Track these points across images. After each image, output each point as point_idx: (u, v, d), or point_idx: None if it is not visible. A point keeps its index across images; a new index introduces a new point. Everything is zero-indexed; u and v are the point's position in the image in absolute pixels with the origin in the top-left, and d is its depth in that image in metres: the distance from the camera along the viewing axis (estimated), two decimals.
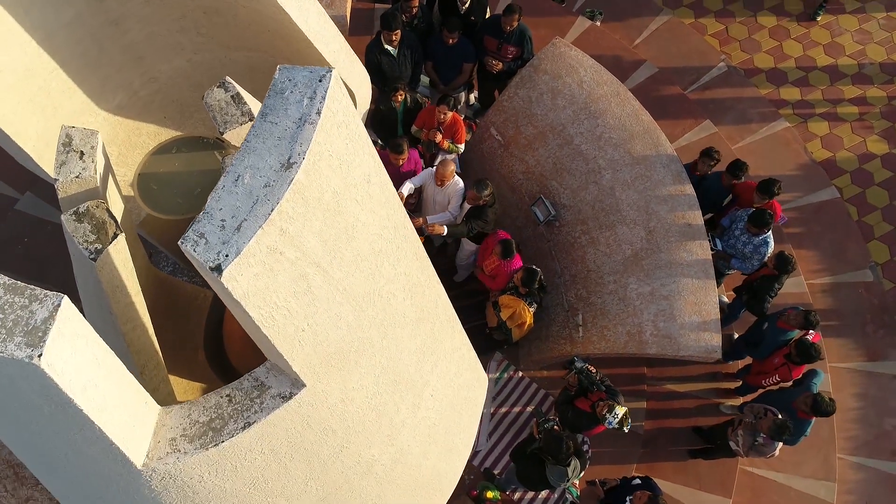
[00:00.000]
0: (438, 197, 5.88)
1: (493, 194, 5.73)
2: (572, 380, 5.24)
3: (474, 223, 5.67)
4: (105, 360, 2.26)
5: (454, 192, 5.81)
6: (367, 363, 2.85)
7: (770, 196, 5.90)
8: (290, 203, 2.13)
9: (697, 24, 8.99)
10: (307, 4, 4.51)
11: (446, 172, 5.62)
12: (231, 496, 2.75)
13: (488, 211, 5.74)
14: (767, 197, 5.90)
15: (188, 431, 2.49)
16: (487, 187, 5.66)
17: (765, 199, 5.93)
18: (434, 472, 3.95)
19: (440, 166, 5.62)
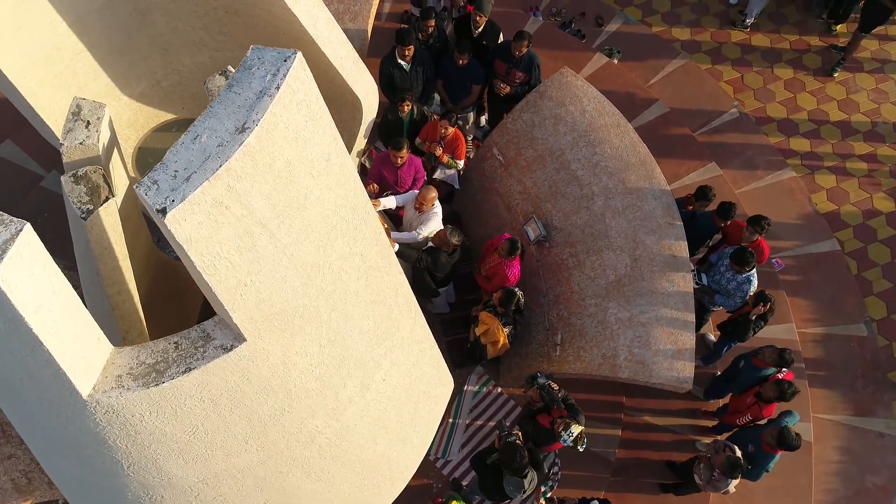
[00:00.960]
0: (416, 221, 5.97)
1: (458, 248, 5.75)
2: (534, 395, 5.34)
3: (425, 257, 5.65)
4: (62, 291, 2.49)
5: (427, 218, 5.88)
6: (313, 332, 3.04)
7: (759, 231, 5.98)
8: (240, 163, 2.36)
9: (713, 70, 9.16)
10: (316, 10, 4.83)
11: (426, 197, 5.71)
12: (171, 441, 2.94)
13: (443, 256, 5.73)
14: (757, 231, 5.98)
15: (134, 370, 2.71)
16: (457, 237, 5.70)
17: (754, 235, 6.02)
18: (384, 458, 4.08)
19: (423, 190, 5.76)
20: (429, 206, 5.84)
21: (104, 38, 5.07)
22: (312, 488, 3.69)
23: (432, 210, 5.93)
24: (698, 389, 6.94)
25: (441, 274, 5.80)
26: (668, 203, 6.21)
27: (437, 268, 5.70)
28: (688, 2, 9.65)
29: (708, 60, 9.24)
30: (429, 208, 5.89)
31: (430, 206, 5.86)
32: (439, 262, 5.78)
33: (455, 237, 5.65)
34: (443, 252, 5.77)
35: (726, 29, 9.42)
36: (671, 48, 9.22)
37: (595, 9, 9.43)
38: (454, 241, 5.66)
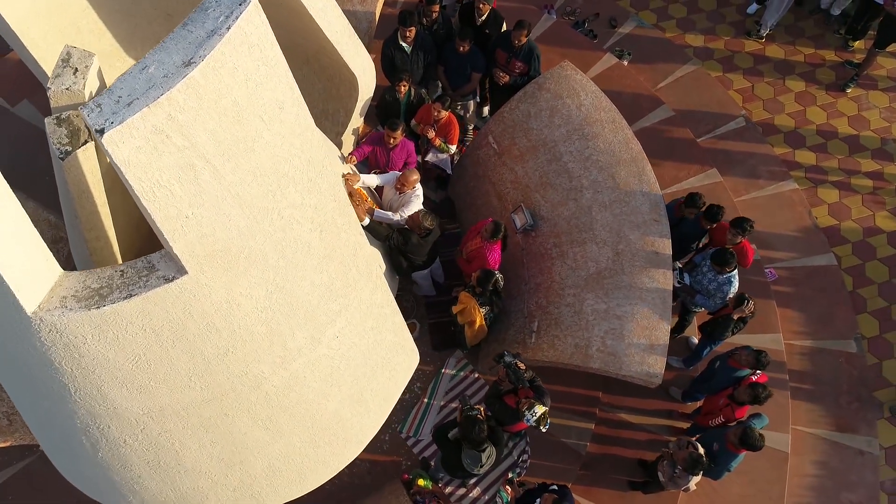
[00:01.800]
0: (396, 202, 5.98)
1: (431, 231, 5.77)
2: (501, 373, 5.38)
3: (396, 236, 5.68)
4: (12, 213, 2.62)
5: (408, 200, 5.89)
6: (259, 275, 3.13)
7: (742, 232, 5.96)
8: (183, 94, 2.47)
9: (724, 78, 9.12)
10: None
11: (408, 179, 5.72)
12: (115, 368, 3.06)
13: (414, 237, 5.75)
14: (740, 233, 5.96)
15: (79, 293, 2.83)
16: (430, 221, 5.72)
17: (738, 236, 5.99)
18: (336, 416, 4.17)
19: (406, 172, 5.81)
20: (410, 187, 5.85)
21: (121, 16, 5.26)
22: (260, 436, 3.78)
23: (413, 192, 5.94)
24: (676, 391, 6.92)
25: (415, 256, 5.84)
26: (656, 201, 6.22)
27: (409, 248, 5.77)
28: (704, 9, 9.62)
29: (719, 68, 9.20)
30: (410, 190, 5.90)
31: (412, 188, 5.87)
32: (410, 243, 5.79)
33: (428, 221, 5.67)
34: (414, 234, 5.79)
35: (741, 38, 9.38)
36: (683, 53, 9.20)
37: (609, 10, 9.46)
38: (426, 225, 5.67)
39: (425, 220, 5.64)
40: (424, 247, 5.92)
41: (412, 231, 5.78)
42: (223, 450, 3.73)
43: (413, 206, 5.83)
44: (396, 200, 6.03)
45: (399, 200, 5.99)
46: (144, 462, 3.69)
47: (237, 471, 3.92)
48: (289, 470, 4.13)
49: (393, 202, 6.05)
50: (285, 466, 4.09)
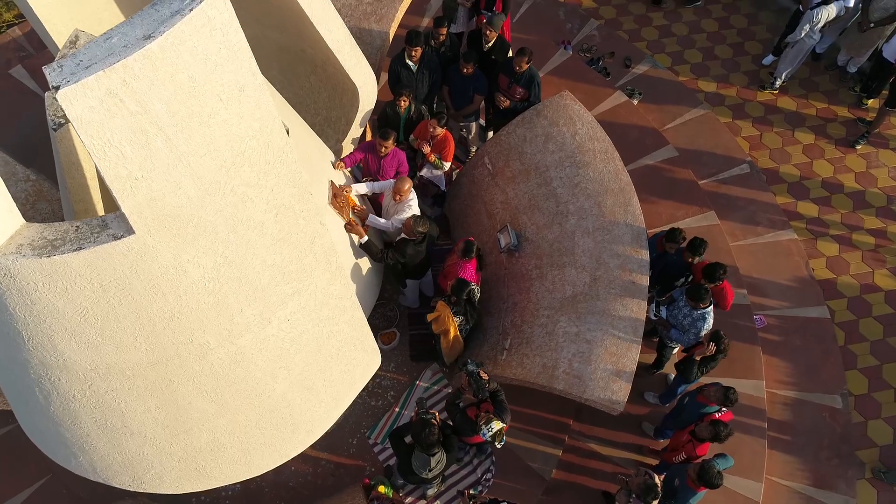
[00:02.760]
0: (392, 210, 6.22)
1: (426, 235, 5.95)
2: (463, 381, 5.45)
3: (391, 251, 5.87)
4: None
5: (405, 208, 6.12)
6: (208, 246, 3.32)
7: (712, 281, 5.97)
8: (139, 63, 2.70)
9: (733, 125, 9.19)
10: None
11: (402, 188, 5.96)
12: (64, 319, 3.26)
13: (410, 246, 5.92)
14: (709, 282, 5.97)
15: (34, 242, 3.05)
16: (423, 225, 5.90)
17: (710, 285, 6.00)
18: (285, 400, 4.29)
19: (398, 181, 6.03)
20: (405, 196, 6.09)
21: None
22: (205, 407, 3.93)
23: (407, 201, 6.16)
24: (649, 427, 6.87)
25: (411, 262, 6.03)
26: (639, 232, 6.29)
27: (407, 259, 5.94)
28: (719, 57, 9.75)
29: (729, 114, 9.28)
30: (405, 198, 6.13)
31: (406, 196, 6.10)
32: (406, 254, 5.99)
33: (420, 225, 5.86)
34: (410, 243, 5.99)
35: (754, 88, 9.47)
36: (694, 97, 9.31)
37: (625, 50, 9.65)
38: (419, 230, 5.87)
39: (418, 225, 5.83)
40: (421, 253, 6.08)
41: (407, 241, 5.95)
42: (168, 416, 3.88)
43: (407, 214, 6.02)
44: (393, 208, 6.24)
45: (395, 208, 6.19)
46: (92, 420, 3.87)
47: (181, 440, 4.06)
48: (234, 447, 4.26)
49: (389, 209, 6.26)
50: (230, 443, 4.22)
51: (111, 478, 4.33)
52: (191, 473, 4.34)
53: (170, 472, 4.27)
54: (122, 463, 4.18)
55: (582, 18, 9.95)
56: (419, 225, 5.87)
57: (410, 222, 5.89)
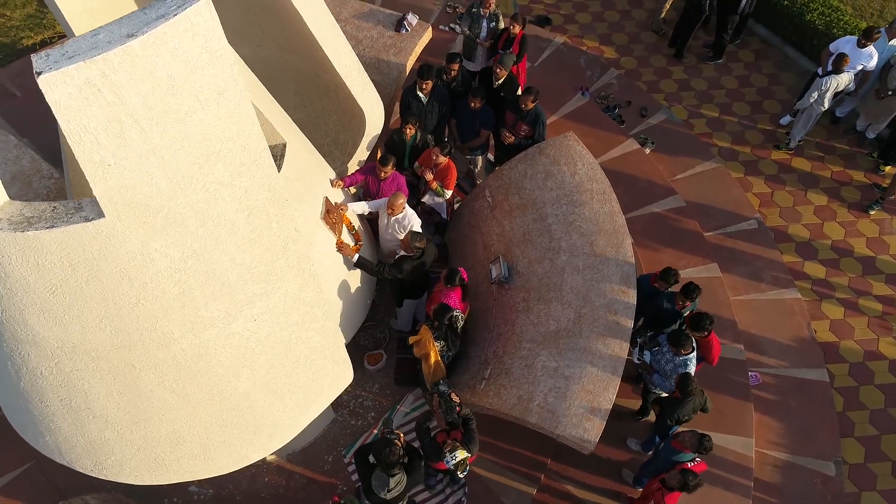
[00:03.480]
0: (389, 226, 6.40)
1: (423, 250, 6.08)
2: (435, 403, 5.46)
3: (388, 267, 6.01)
4: None
5: (402, 225, 6.30)
6: (177, 237, 3.50)
7: (697, 331, 5.92)
8: (118, 58, 2.93)
9: (744, 180, 9.19)
10: (322, 15, 5.54)
11: (395, 203, 6.13)
12: (34, 294, 3.44)
13: (407, 262, 6.05)
14: (695, 332, 5.93)
15: (13, 218, 3.27)
16: (420, 240, 6.05)
17: (696, 335, 5.96)
18: (247, 400, 4.39)
19: (392, 196, 6.20)
20: (399, 210, 6.24)
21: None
22: (166, 397, 4.05)
23: (404, 214, 6.32)
24: (629, 474, 6.75)
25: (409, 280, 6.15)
26: (628, 273, 6.30)
27: (405, 276, 6.06)
28: (737, 113, 9.81)
29: (741, 170, 9.29)
30: (400, 212, 6.28)
31: (401, 210, 6.26)
32: (403, 270, 6.12)
33: (418, 241, 6.00)
34: (408, 259, 6.12)
35: (769, 146, 9.47)
36: (707, 151, 9.35)
37: (643, 101, 9.79)
38: (416, 245, 6.01)
39: (415, 240, 5.96)
40: (419, 269, 6.22)
41: (406, 257, 6.08)
42: (129, 402, 4.01)
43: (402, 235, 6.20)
44: (390, 225, 6.40)
45: (392, 222, 6.34)
46: (58, 399, 4.02)
47: (141, 428, 4.18)
48: (193, 441, 4.36)
49: (388, 223, 6.41)
50: (190, 436, 4.32)
51: (74, 461, 4.46)
52: (150, 464, 4.44)
53: (130, 459, 4.38)
54: (85, 446, 4.31)
55: (602, 67, 10.15)
56: (416, 240, 6.00)
57: (408, 238, 6.03)
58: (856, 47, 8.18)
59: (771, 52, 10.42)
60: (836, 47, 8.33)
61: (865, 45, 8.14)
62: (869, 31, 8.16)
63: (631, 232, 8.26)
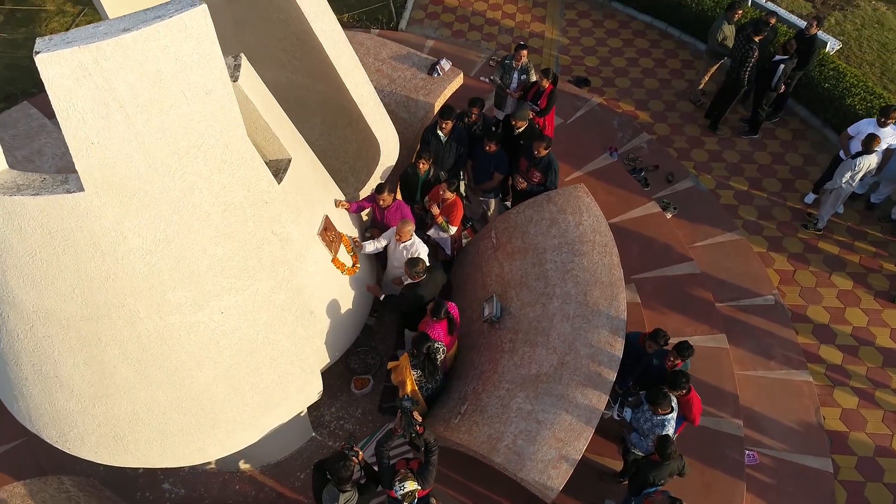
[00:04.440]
0: (397, 252, 6.57)
1: (427, 274, 6.24)
2: (397, 422, 5.46)
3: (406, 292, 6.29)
4: None
5: (410, 251, 6.46)
6: (150, 219, 3.75)
7: (674, 389, 5.78)
8: (111, 47, 3.26)
9: (766, 256, 8.99)
10: (342, 48, 5.90)
11: (403, 229, 6.34)
12: (16, 256, 3.74)
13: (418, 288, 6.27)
14: (672, 390, 5.79)
15: (6, 184, 3.60)
16: (421, 265, 6.22)
17: (674, 394, 5.81)
18: (208, 391, 4.54)
19: (401, 223, 6.40)
20: (407, 237, 6.42)
21: None
22: (128, 375, 4.25)
23: (412, 242, 6.50)
24: None
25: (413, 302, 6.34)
26: (617, 327, 6.24)
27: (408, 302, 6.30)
28: (766, 189, 9.69)
29: (764, 245, 9.11)
30: (408, 239, 6.46)
31: (409, 237, 6.44)
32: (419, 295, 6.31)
33: (417, 265, 6.16)
34: (417, 286, 6.29)
35: (796, 225, 9.29)
36: (731, 222, 9.24)
37: (670, 167, 9.80)
38: (416, 270, 6.16)
39: (413, 265, 6.14)
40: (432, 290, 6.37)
41: (414, 283, 6.26)
42: (93, 374, 4.23)
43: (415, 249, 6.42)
44: (398, 252, 6.57)
45: (400, 249, 6.53)
46: (30, 364, 4.27)
47: (103, 404, 4.37)
48: (151, 424, 4.52)
49: (396, 250, 6.58)
50: (148, 418, 4.48)
51: (42, 429, 4.68)
52: (109, 441, 4.61)
53: (91, 434, 4.56)
54: (52, 415, 4.53)
55: (634, 130, 10.26)
56: (413, 266, 6.14)
57: (407, 268, 6.19)
58: (877, 126, 8.08)
59: (809, 133, 10.32)
60: (856, 129, 8.26)
61: (886, 123, 8.04)
62: (887, 109, 8.09)
63: (640, 293, 8.27)
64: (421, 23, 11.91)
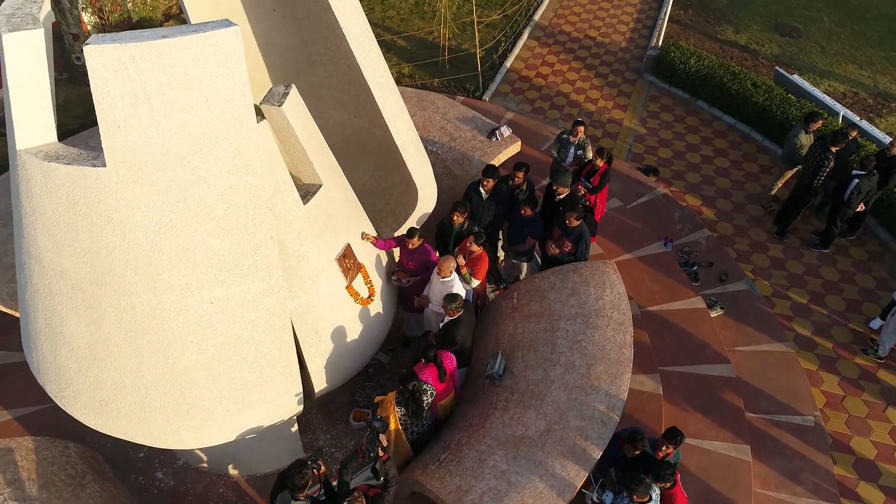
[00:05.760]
0: (436, 286, 6.81)
1: (461, 308, 6.44)
2: (364, 441, 5.49)
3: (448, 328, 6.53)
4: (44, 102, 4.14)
5: (448, 287, 6.70)
6: (158, 202, 4.22)
7: (661, 481, 5.47)
8: (147, 48, 3.83)
9: (815, 374, 8.41)
10: (389, 92, 6.40)
11: (444, 265, 6.60)
12: (44, 216, 4.32)
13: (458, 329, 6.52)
14: (656, 481, 5.48)
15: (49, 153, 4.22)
16: (456, 300, 6.44)
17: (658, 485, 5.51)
18: (187, 373, 4.86)
19: (443, 259, 6.66)
20: (446, 273, 6.67)
21: (279, 66, 7.29)
22: (120, 343, 4.67)
23: (452, 279, 6.74)
24: None
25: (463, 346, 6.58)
26: (614, 406, 6.07)
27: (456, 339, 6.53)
28: (828, 306, 9.15)
29: (815, 363, 8.53)
30: (447, 276, 6.70)
31: (448, 273, 6.68)
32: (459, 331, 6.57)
33: (452, 302, 6.38)
34: (455, 324, 6.52)
35: (855, 349, 8.66)
36: (781, 333, 8.76)
37: (726, 266, 9.51)
38: (454, 306, 6.38)
39: (448, 302, 6.40)
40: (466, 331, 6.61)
41: (452, 322, 6.50)
42: (91, 336, 4.68)
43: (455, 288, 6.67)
44: (436, 287, 6.82)
45: (441, 284, 6.79)
46: (44, 318, 4.80)
47: (95, 367, 4.80)
48: (134, 395, 4.88)
49: (435, 285, 6.85)
50: (132, 388, 4.85)
51: (46, 382, 5.18)
52: (96, 405, 5.01)
53: (82, 395, 4.99)
54: (55, 370, 5.01)
55: (695, 225, 10.09)
56: (450, 302, 6.38)
57: (445, 301, 6.41)
58: None
59: (887, 257, 9.72)
60: None
61: None
62: None
63: (665, 385, 7.96)
64: (505, 96, 12.48)
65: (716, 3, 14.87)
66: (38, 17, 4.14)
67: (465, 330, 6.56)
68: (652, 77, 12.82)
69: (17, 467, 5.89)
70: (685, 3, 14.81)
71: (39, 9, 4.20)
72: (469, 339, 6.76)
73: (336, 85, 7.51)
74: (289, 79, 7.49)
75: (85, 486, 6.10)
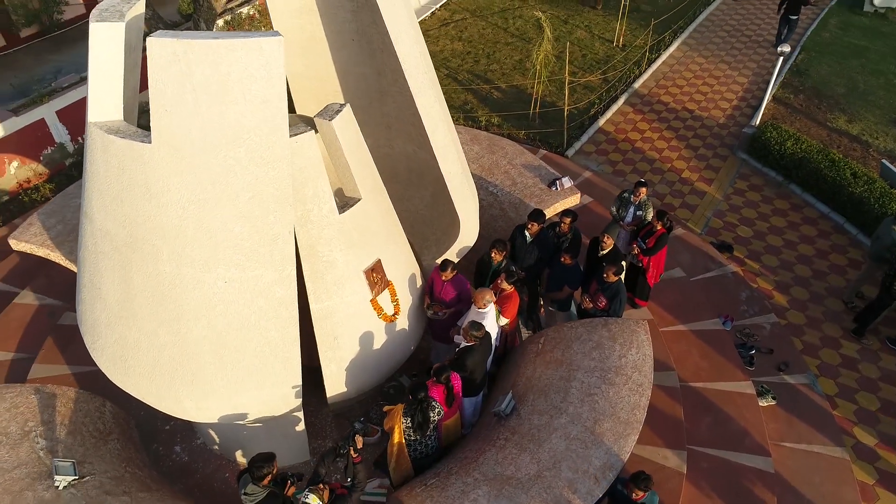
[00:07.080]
0: (472, 318, 6.88)
1: (481, 339, 6.52)
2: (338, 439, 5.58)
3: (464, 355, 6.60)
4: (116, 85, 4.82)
5: (481, 317, 6.81)
6: (191, 182, 4.73)
7: None
8: (198, 46, 4.39)
9: (869, 488, 7.58)
10: (439, 123, 6.72)
11: (481, 297, 6.73)
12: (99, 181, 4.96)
13: (473, 352, 6.57)
14: None
15: (112, 128, 4.86)
16: (478, 330, 6.51)
17: None
18: (197, 346, 5.27)
19: (480, 290, 6.79)
20: (482, 305, 6.79)
21: (356, 93, 7.86)
22: (143, 304, 5.17)
23: (487, 310, 6.86)
24: None
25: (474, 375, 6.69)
26: (612, 466, 5.85)
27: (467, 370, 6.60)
28: None
29: (873, 476, 7.72)
30: (483, 307, 6.83)
31: (484, 306, 6.81)
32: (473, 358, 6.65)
33: (475, 330, 6.50)
34: (469, 351, 6.62)
35: None
36: (838, 436, 8.01)
37: (789, 356, 8.89)
38: (474, 333, 6.51)
39: (472, 329, 6.54)
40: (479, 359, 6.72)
41: (467, 348, 6.64)
42: (121, 294, 5.22)
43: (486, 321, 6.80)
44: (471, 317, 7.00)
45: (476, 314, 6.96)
46: (89, 273, 5.43)
47: (121, 324, 5.33)
48: (148, 356, 5.34)
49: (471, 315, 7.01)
50: (147, 348, 5.32)
51: (85, 332, 5.79)
52: (117, 361, 5.53)
53: (108, 348, 5.53)
54: (91, 323, 5.61)
55: (762, 309, 9.55)
56: (473, 329, 6.50)
57: (467, 327, 6.54)
58: None
59: None
60: None
61: None
62: None
63: (691, 466, 7.50)
64: (588, 155, 12.55)
65: (831, 90, 14.28)
66: (125, 13, 4.87)
67: (477, 358, 6.59)
68: (745, 155, 12.45)
69: (55, 411, 6.53)
70: (797, 88, 14.33)
71: (130, 7, 4.94)
72: (480, 371, 6.77)
73: (404, 117, 7.97)
74: (363, 106, 8.06)
75: (108, 442, 6.64)
